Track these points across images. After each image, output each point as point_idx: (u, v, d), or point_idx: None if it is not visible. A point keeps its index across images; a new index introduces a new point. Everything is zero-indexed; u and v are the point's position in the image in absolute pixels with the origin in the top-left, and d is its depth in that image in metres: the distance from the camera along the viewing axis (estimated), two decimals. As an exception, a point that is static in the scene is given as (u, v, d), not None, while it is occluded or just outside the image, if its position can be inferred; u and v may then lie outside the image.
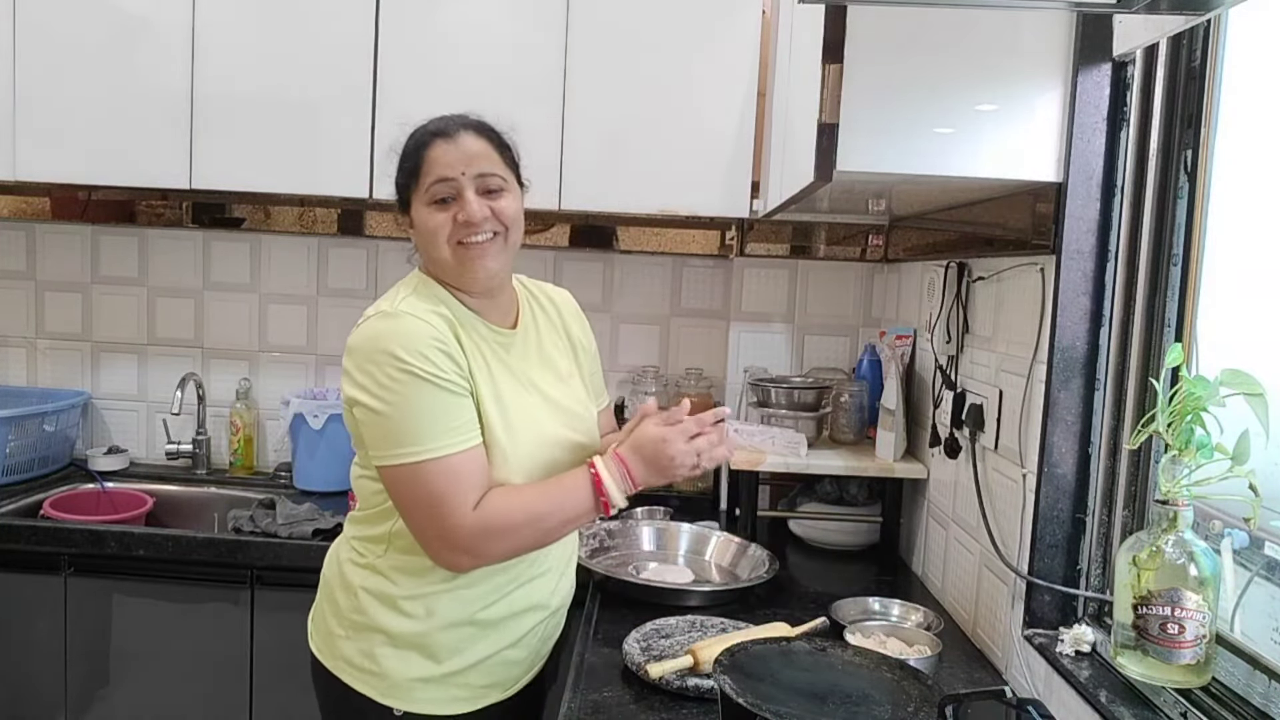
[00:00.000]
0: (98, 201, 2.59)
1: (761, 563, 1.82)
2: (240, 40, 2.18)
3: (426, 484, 1.26)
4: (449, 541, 1.28)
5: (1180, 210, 1.26)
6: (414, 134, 1.37)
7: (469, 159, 1.33)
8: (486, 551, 1.30)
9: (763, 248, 2.43)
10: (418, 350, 1.25)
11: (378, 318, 1.30)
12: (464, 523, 1.26)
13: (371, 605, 1.36)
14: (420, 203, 1.34)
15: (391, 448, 1.26)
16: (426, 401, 1.26)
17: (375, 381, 1.26)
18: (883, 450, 1.98)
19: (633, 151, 2.15)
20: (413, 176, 1.35)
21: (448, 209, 1.32)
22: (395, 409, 1.25)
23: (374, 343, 1.27)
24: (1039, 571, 1.37)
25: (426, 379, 1.25)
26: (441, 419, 1.26)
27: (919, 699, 1.06)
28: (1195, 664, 1.07)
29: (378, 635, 1.36)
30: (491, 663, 1.40)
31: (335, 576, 1.43)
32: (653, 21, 2.13)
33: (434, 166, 1.32)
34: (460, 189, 1.32)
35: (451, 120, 1.36)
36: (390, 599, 1.35)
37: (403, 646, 1.36)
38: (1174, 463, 1.08)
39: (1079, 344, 1.35)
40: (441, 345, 1.28)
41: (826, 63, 1.29)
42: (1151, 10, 1.12)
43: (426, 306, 1.32)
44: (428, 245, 1.35)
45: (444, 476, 1.26)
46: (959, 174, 1.33)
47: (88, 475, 2.53)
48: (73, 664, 2.14)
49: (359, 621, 1.37)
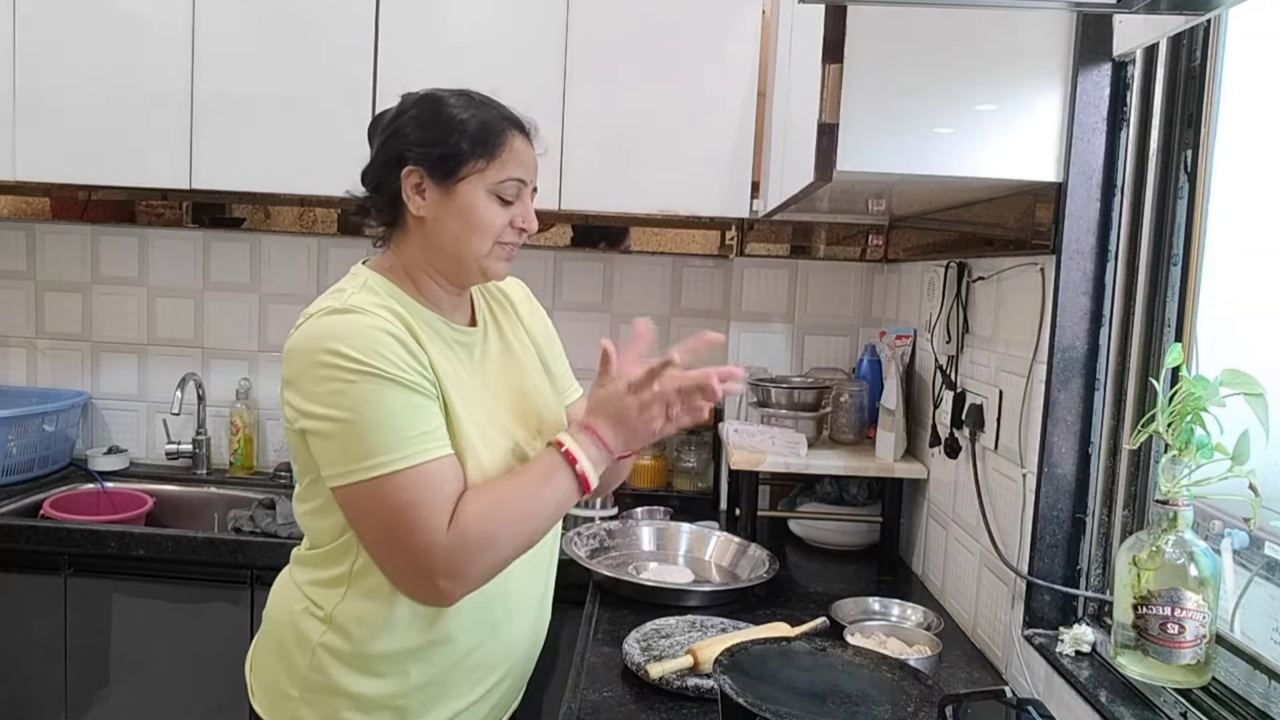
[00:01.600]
0: (98, 201, 2.59)
1: (761, 563, 1.82)
2: (240, 40, 2.18)
3: (396, 498, 1.09)
4: (425, 565, 1.10)
5: (1180, 210, 1.26)
6: (475, 105, 1.24)
7: (537, 168, 1.27)
8: (469, 569, 1.12)
9: (763, 248, 2.43)
10: (371, 347, 1.10)
11: (321, 315, 1.15)
12: (440, 541, 1.10)
13: (333, 666, 1.19)
14: (481, 186, 1.21)
15: (351, 462, 1.10)
16: (386, 404, 1.10)
17: (324, 387, 1.10)
18: (883, 450, 1.98)
19: (632, 151, 2.15)
20: (484, 155, 1.21)
21: (508, 208, 1.23)
22: (350, 415, 1.09)
23: (320, 343, 1.11)
24: (1039, 571, 1.37)
25: (384, 377, 1.10)
26: (407, 422, 1.11)
27: (919, 699, 1.06)
28: (1195, 664, 1.07)
29: (342, 699, 1.20)
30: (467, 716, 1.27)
31: (287, 628, 1.24)
32: (653, 22, 2.13)
33: (516, 161, 1.23)
34: (523, 193, 1.25)
35: (521, 117, 1.27)
36: (356, 659, 1.19)
37: (371, 710, 1.20)
38: (1174, 463, 1.08)
39: (1079, 344, 1.34)
40: (399, 341, 1.13)
41: (826, 63, 1.29)
42: (1151, 10, 1.12)
43: (378, 302, 1.17)
44: (467, 231, 1.21)
45: (417, 489, 1.10)
46: (959, 174, 1.33)
47: (88, 475, 2.53)
48: (73, 664, 2.14)
49: (318, 682, 1.20)
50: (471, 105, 1.24)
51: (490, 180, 1.21)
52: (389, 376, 1.11)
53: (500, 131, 1.23)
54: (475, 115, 1.23)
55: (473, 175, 1.21)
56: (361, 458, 1.09)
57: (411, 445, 1.11)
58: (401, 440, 1.10)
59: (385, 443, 1.09)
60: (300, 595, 1.24)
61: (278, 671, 1.25)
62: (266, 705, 1.26)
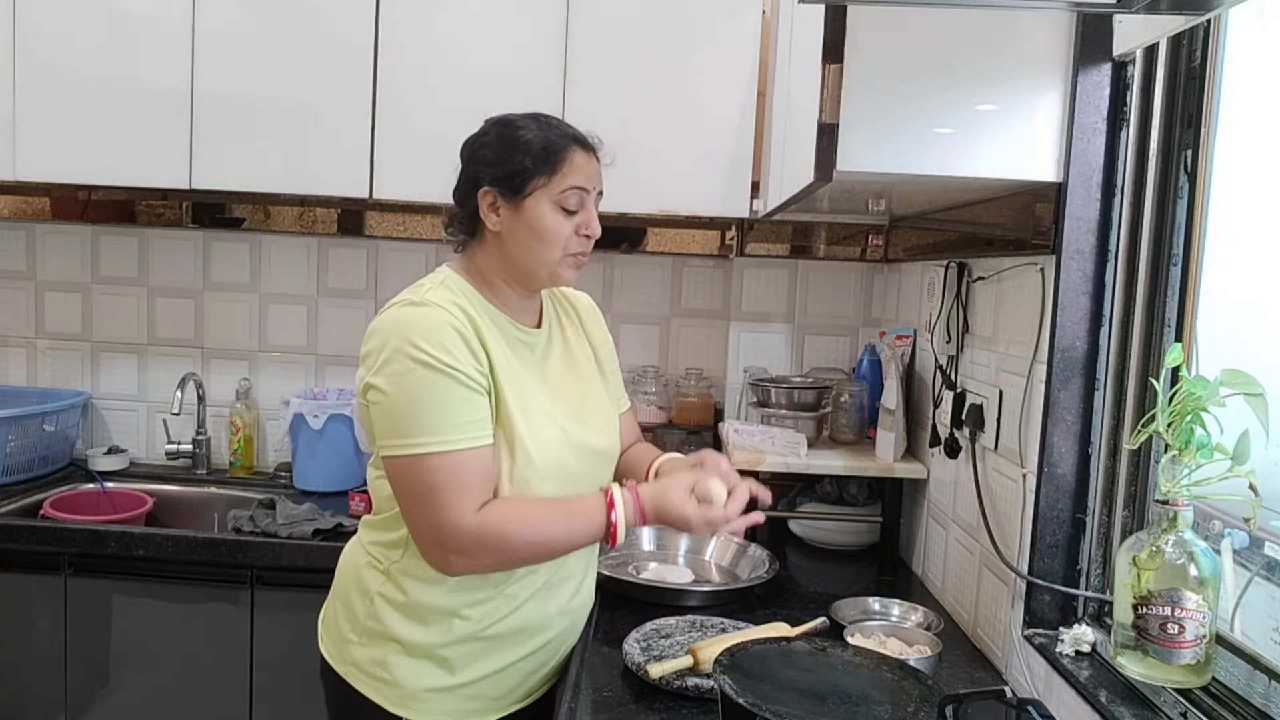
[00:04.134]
0: (98, 201, 2.59)
1: (761, 563, 1.82)
2: (240, 40, 2.18)
3: (428, 478, 1.24)
4: (443, 540, 1.26)
5: (1180, 210, 1.26)
6: (541, 126, 1.36)
7: (598, 176, 1.38)
8: (478, 558, 1.28)
9: (763, 248, 2.43)
10: (438, 340, 1.25)
11: (402, 305, 1.30)
12: (462, 522, 1.24)
13: (388, 613, 1.35)
14: (546, 198, 1.33)
15: (397, 437, 1.25)
16: (438, 393, 1.24)
17: (390, 367, 1.25)
18: (883, 450, 1.98)
19: (633, 152, 2.13)
20: (547, 171, 1.33)
21: (572, 217, 1.35)
22: (405, 397, 1.24)
23: (395, 328, 1.27)
24: (1039, 571, 1.37)
25: (441, 370, 1.24)
26: (451, 412, 1.25)
27: (919, 699, 1.06)
28: (1195, 664, 1.07)
29: (392, 644, 1.34)
30: (506, 674, 1.39)
31: (352, 580, 1.41)
32: (653, 22, 2.13)
33: (576, 172, 1.34)
34: (586, 202, 1.36)
35: (584, 133, 1.39)
36: (407, 608, 1.34)
37: (417, 656, 1.34)
38: (1174, 463, 1.08)
39: (1079, 344, 1.34)
40: (463, 338, 1.27)
41: (826, 63, 1.29)
42: (1151, 10, 1.12)
43: (452, 300, 1.31)
44: (536, 241, 1.34)
45: (446, 472, 1.24)
46: (959, 174, 1.33)
47: (88, 475, 2.54)
48: (73, 664, 2.14)
49: (374, 629, 1.36)
50: (536, 126, 1.36)
51: (553, 192, 1.33)
52: (445, 368, 1.24)
53: (561, 148, 1.34)
54: (539, 135, 1.35)
55: (538, 190, 1.34)
56: (406, 435, 1.25)
57: (450, 432, 1.24)
58: (442, 426, 1.24)
59: (427, 426, 1.24)
60: (364, 552, 1.40)
61: (341, 618, 1.41)
62: (331, 649, 1.42)
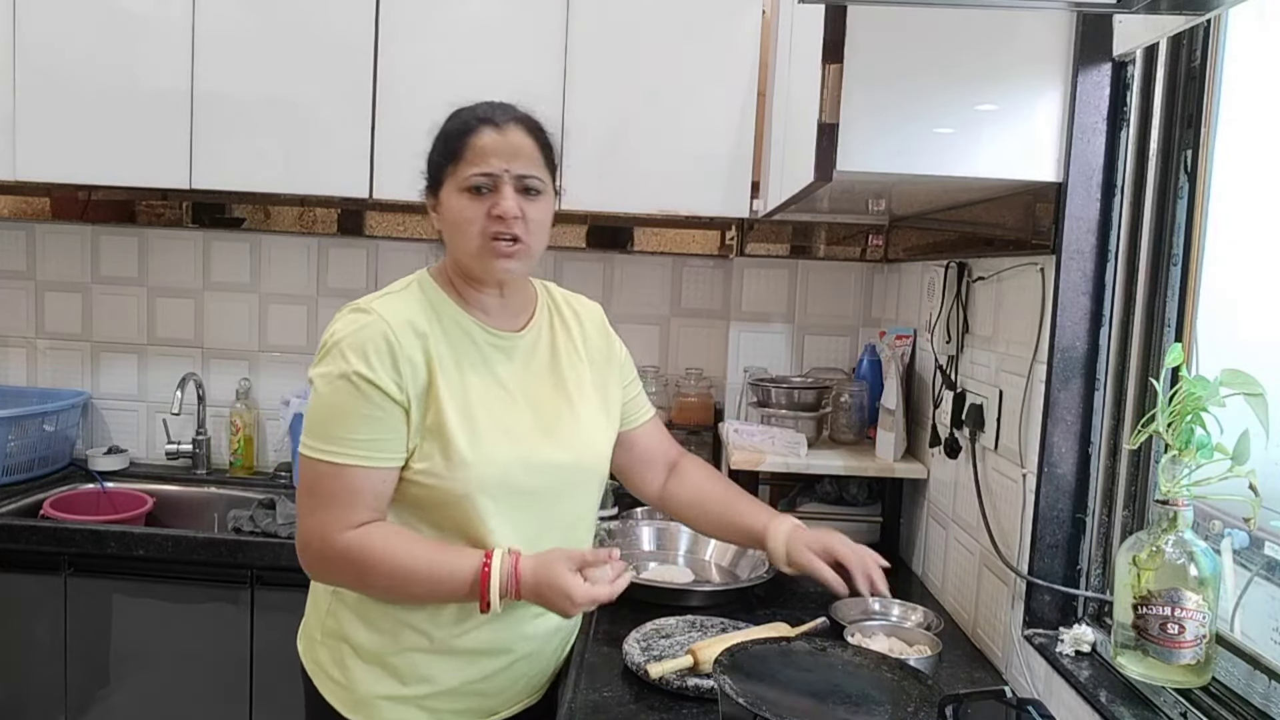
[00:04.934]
0: (98, 201, 2.59)
1: (761, 563, 1.82)
2: (240, 40, 2.18)
3: (318, 481, 1.25)
4: (311, 542, 1.25)
5: (1180, 210, 1.26)
6: (460, 114, 1.32)
7: (514, 155, 1.28)
8: (333, 573, 1.28)
9: (763, 248, 2.43)
10: (363, 352, 1.23)
11: (350, 310, 1.30)
12: (333, 534, 1.23)
13: (342, 612, 1.34)
14: (454, 188, 1.29)
15: (308, 435, 1.27)
16: (346, 406, 1.23)
17: (321, 368, 1.27)
18: (883, 450, 1.98)
19: (633, 151, 2.15)
20: (452, 159, 1.29)
21: (483, 200, 1.28)
22: (321, 400, 1.26)
23: (334, 334, 1.27)
24: (1039, 571, 1.37)
25: (354, 383, 1.23)
26: (350, 428, 1.23)
27: (919, 699, 1.06)
28: (1195, 664, 1.07)
29: (346, 645, 1.33)
30: (460, 693, 1.35)
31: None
32: (653, 22, 2.13)
33: (478, 155, 1.27)
34: (499, 184, 1.27)
35: (501, 109, 1.31)
36: (358, 608, 1.32)
37: (368, 660, 1.32)
38: (1174, 463, 1.08)
39: (1079, 344, 1.34)
40: (392, 351, 1.24)
41: (826, 63, 1.29)
42: (1151, 10, 1.12)
43: (402, 309, 1.28)
44: (455, 233, 1.30)
45: (334, 482, 1.24)
46: (959, 174, 1.33)
47: (88, 475, 2.53)
48: (73, 664, 2.14)
49: (332, 628, 1.35)
50: (456, 115, 1.32)
51: (459, 179, 1.29)
52: (359, 381, 1.23)
53: (465, 132, 1.29)
54: (450, 124, 1.32)
55: (448, 180, 1.30)
56: (312, 435, 1.26)
57: (345, 447, 1.24)
58: (340, 439, 1.24)
59: (329, 434, 1.25)
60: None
61: (310, 617, 1.42)
62: (303, 647, 1.42)
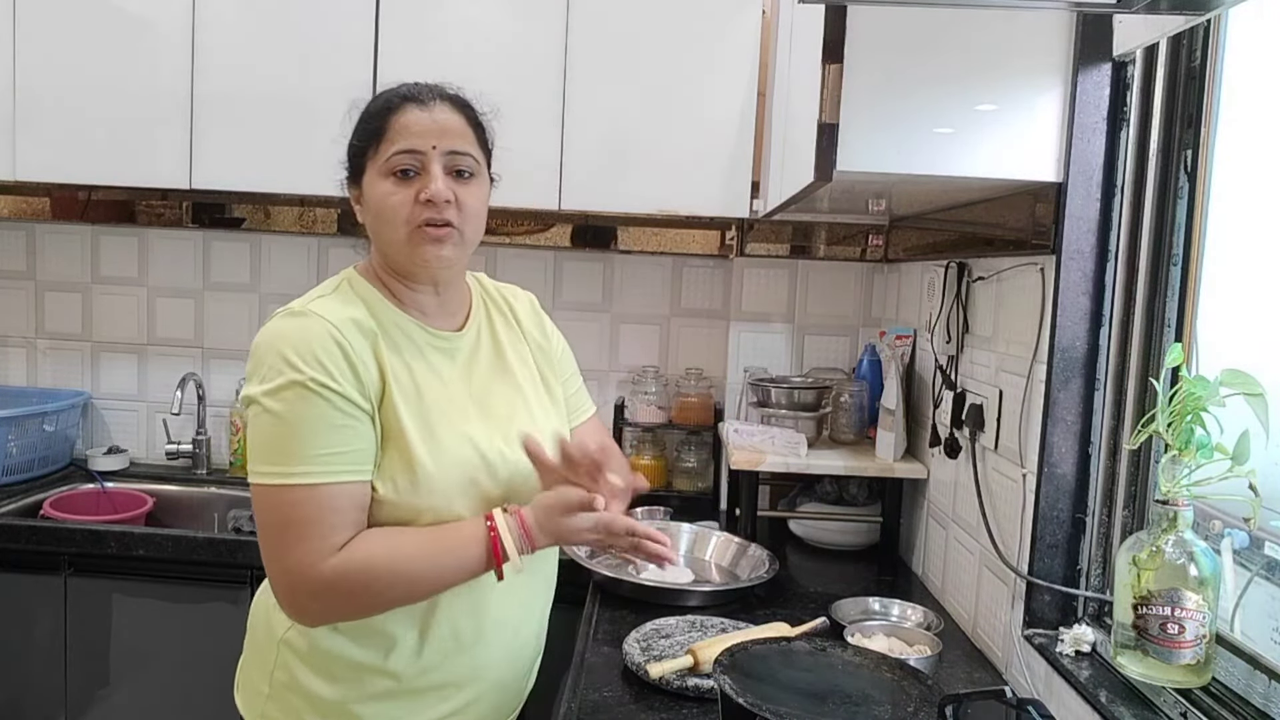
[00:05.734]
0: (98, 201, 2.59)
1: (761, 563, 1.82)
2: (240, 39, 2.18)
3: (286, 513, 1.09)
4: (296, 582, 1.10)
5: (1180, 210, 1.26)
6: (381, 94, 1.21)
7: (441, 132, 1.17)
8: (337, 602, 1.11)
9: (763, 248, 2.43)
10: (314, 356, 1.10)
11: (283, 315, 1.16)
12: (320, 564, 1.08)
13: (295, 663, 1.19)
14: (377, 173, 1.17)
15: (260, 463, 1.10)
16: (311, 417, 1.09)
17: (261, 387, 1.11)
18: (883, 450, 1.98)
19: (633, 151, 2.15)
20: (372, 141, 1.18)
21: (409, 184, 1.16)
22: (276, 420, 1.09)
23: (272, 342, 1.13)
24: (1039, 571, 1.37)
25: (315, 390, 1.09)
26: (321, 441, 1.09)
27: (919, 699, 1.06)
28: (1195, 664, 1.07)
29: (302, 700, 1.19)
30: None
31: (261, 624, 1.26)
32: (653, 21, 2.13)
33: (400, 134, 1.16)
34: (427, 164, 1.16)
35: (426, 86, 1.20)
36: (313, 657, 1.18)
37: (329, 715, 1.19)
38: (1174, 463, 1.07)
39: (1079, 344, 1.34)
40: (344, 352, 1.12)
41: (826, 63, 1.29)
42: (1151, 10, 1.12)
43: (342, 309, 1.17)
44: (380, 223, 1.18)
45: (310, 507, 1.09)
46: (959, 174, 1.33)
47: (88, 475, 2.53)
48: (73, 664, 2.14)
49: (282, 680, 1.21)
50: (375, 97, 1.23)
51: (381, 162, 1.17)
52: (319, 389, 1.10)
53: (383, 112, 1.18)
54: (370, 105, 1.22)
55: (369, 165, 1.19)
56: (270, 462, 1.10)
57: (312, 463, 1.09)
58: (310, 456, 1.09)
59: (293, 454, 1.09)
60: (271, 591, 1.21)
61: (253, 667, 1.27)
62: (244, 702, 1.28)
